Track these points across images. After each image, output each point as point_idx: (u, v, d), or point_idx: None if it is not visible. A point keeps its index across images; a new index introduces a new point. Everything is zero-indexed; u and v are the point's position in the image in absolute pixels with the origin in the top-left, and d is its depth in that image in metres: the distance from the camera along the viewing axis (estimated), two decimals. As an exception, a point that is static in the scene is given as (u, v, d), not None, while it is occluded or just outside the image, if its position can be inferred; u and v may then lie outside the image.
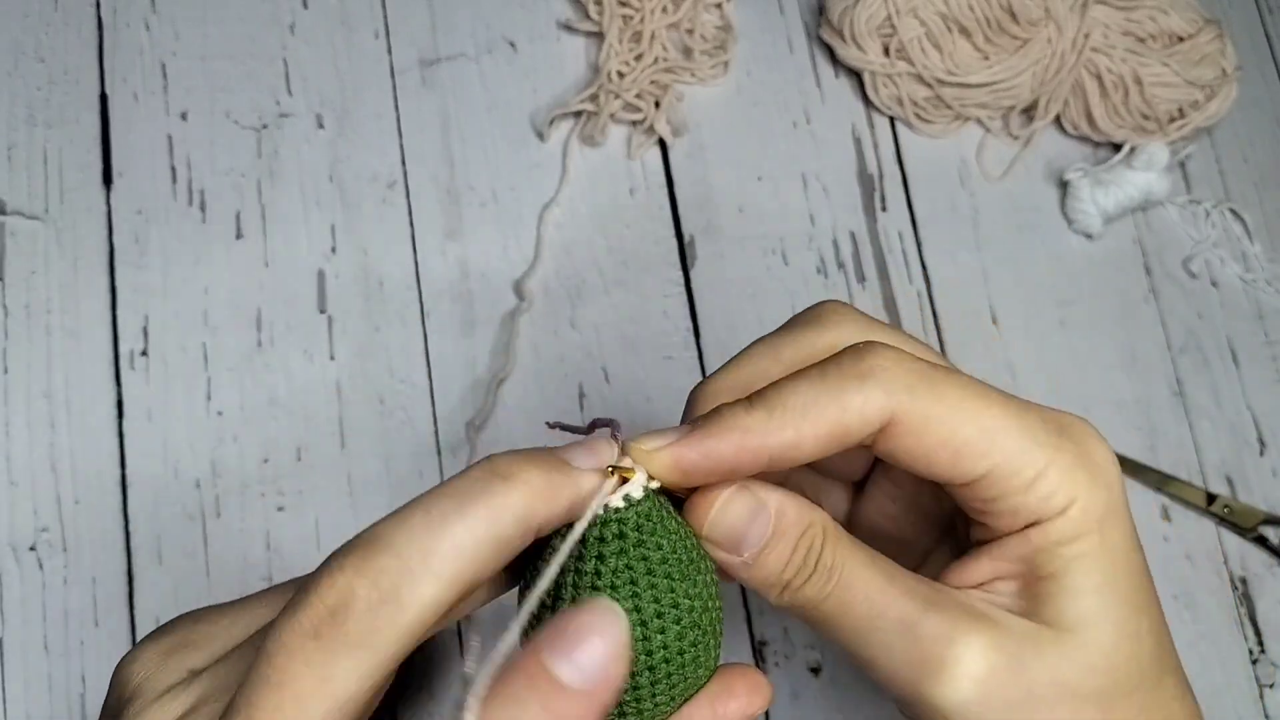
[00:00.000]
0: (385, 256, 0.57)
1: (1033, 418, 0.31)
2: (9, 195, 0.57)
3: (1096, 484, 0.31)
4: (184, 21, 0.60)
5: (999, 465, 0.30)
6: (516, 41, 0.61)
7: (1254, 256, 0.61)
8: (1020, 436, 0.30)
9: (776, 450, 0.30)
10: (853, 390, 0.30)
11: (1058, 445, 0.31)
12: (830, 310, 0.35)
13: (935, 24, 0.59)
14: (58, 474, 0.53)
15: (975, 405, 0.30)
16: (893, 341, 0.32)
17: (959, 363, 0.58)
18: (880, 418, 0.30)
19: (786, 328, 0.35)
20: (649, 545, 0.30)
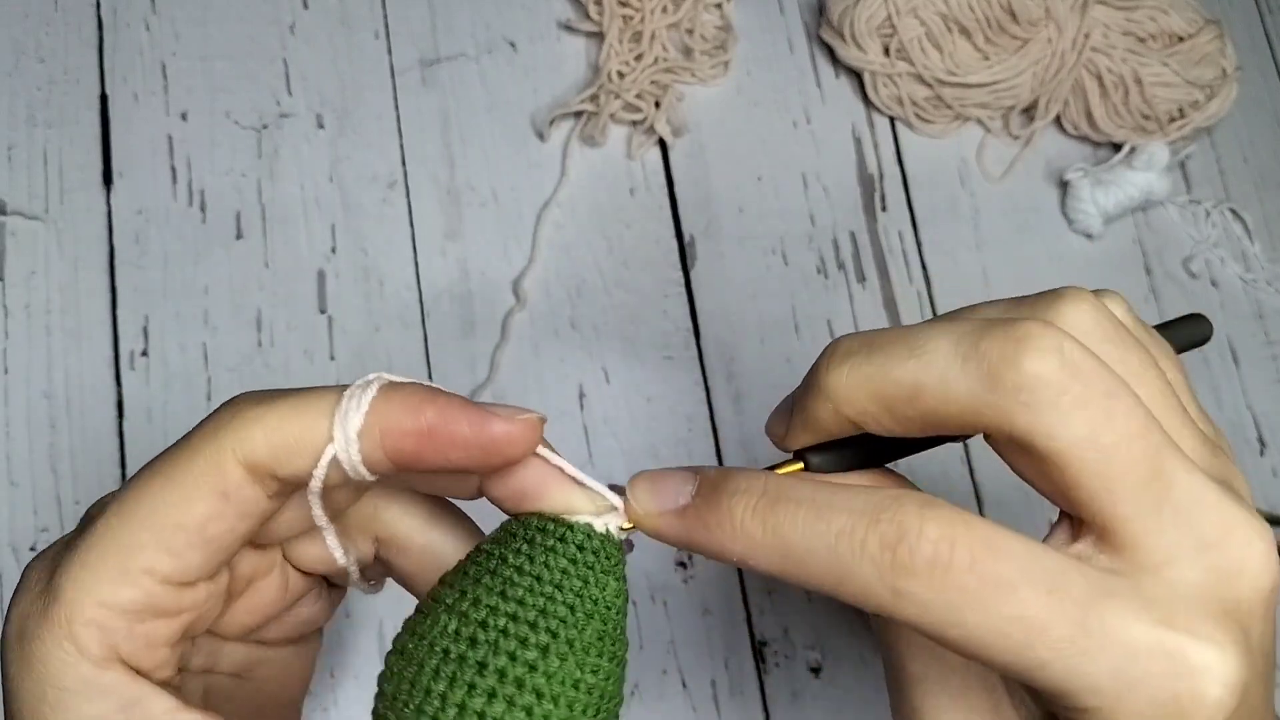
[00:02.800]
0: (385, 256, 0.57)
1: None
2: (9, 195, 0.57)
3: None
4: (184, 21, 0.60)
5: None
6: (516, 41, 0.61)
7: (1254, 256, 0.61)
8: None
9: (762, 570, 0.27)
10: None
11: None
12: (1030, 364, 0.26)
13: (935, 24, 0.59)
14: (58, 474, 0.53)
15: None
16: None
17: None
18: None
19: (965, 354, 0.27)
20: (594, 585, 0.28)
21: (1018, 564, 0.25)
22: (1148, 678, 0.25)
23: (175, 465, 0.28)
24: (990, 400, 0.26)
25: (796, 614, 0.53)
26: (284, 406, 0.28)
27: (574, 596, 0.28)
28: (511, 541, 0.29)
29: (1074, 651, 0.25)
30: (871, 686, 0.53)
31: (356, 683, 0.51)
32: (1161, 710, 0.25)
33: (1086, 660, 0.25)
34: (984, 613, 0.25)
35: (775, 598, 0.54)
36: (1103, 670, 0.25)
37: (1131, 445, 0.26)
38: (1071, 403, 0.25)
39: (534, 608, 0.28)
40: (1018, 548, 0.25)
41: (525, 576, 0.28)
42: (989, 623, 0.25)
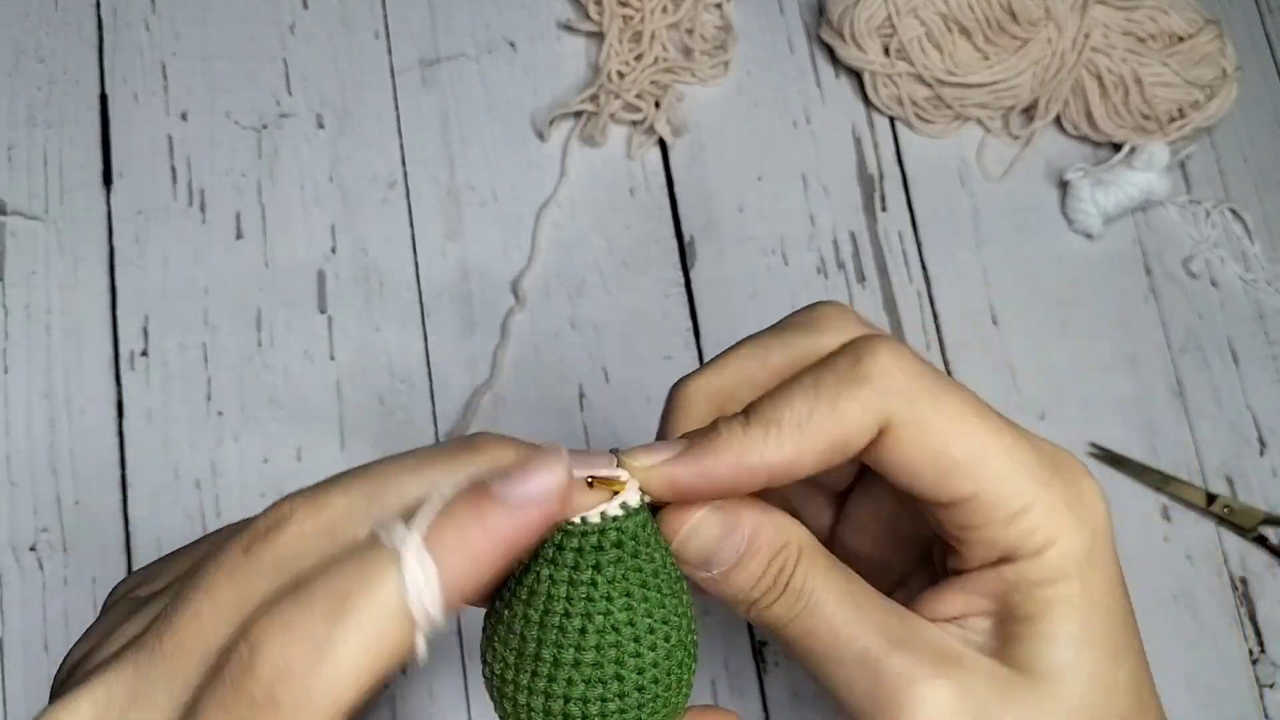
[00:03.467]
0: (385, 257, 0.57)
1: (1026, 448, 0.30)
2: (9, 195, 0.57)
3: (1081, 526, 0.29)
4: (184, 21, 0.60)
5: (984, 491, 0.29)
6: (516, 41, 0.61)
7: (1254, 256, 0.61)
8: (1011, 466, 0.29)
9: (776, 469, 0.29)
10: (849, 397, 0.29)
11: (1047, 481, 0.29)
12: (825, 313, 0.33)
13: (935, 24, 0.59)
14: (58, 474, 0.53)
15: (973, 424, 0.29)
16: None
17: (959, 363, 0.58)
18: (876, 425, 0.29)
19: (777, 328, 0.33)
20: (643, 557, 0.29)
21: (959, 398, 0.30)
22: (1056, 476, 0.30)
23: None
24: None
25: (796, 614, 0.54)
26: (351, 642, 0.24)
27: (655, 580, 0.30)
28: (579, 572, 0.29)
29: (1003, 452, 0.29)
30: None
31: (356, 683, 0.51)
32: (1075, 504, 0.30)
33: (1015, 458, 0.30)
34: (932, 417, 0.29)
35: (775, 598, 0.54)
36: (1025, 469, 0.30)
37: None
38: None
39: (640, 616, 0.29)
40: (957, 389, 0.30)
41: (618, 599, 0.29)
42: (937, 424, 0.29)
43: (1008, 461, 0.29)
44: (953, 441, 0.29)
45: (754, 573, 0.31)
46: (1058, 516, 0.29)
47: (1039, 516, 0.29)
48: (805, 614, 0.31)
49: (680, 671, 0.30)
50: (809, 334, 0.32)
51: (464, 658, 0.52)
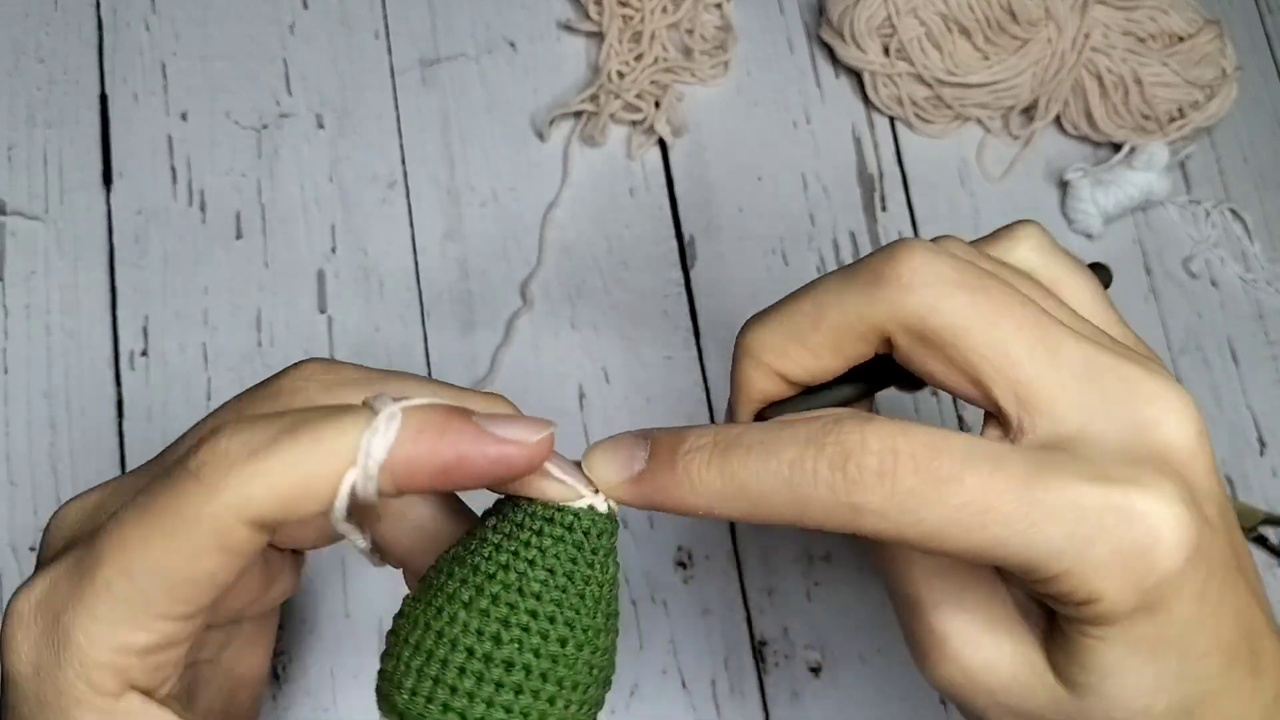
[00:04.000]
0: (385, 256, 0.57)
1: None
2: (9, 195, 0.57)
3: (1138, 564, 0.27)
4: (184, 21, 0.60)
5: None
6: (516, 41, 0.61)
7: (1254, 256, 0.61)
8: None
9: (717, 514, 0.29)
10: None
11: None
12: (905, 258, 0.29)
13: (935, 24, 0.59)
14: (58, 474, 0.53)
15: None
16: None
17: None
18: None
19: (850, 273, 0.31)
20: (583, 555, 0.29)
21: (958, 456, 0.26)
22: (1102, 531, 0.26)
23: (174, 522, 0.26)
24: (878, 296, 0.29)
25: (796, 614, 0.54)
26: (285, 454, 0.26)
27: (584, 584, 0.29)
28: (519, 533, 0.29)
29: (1026, 524, 0.26)
30: (871, 686, 0.53)
31: (356, 682, 0.51)
32: (1126, 559, 0.26)
33: (1039, 530, 0.26)
34: (937, 506, 0.26)
35: (775, 598, 0.54)
36: (1057, 535, 0.26)
37: (1012, 311, 0.28)
38: (947, 281, 0.29)
39: (551, 602, 0.28)
40: (956, 443, 0.27)
41: (539, 570, 0.29)
42: (943, 514, 0.26)
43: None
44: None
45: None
46: (1106, 563, 0.27)
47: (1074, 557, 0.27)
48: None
49: (564, 689, 0.29)
50: (873, 293, 0.30)
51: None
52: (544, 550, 0.29)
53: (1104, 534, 0.26)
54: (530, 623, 0.28)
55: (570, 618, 0.29)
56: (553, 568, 0.29)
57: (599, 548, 0.29)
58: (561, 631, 0.28)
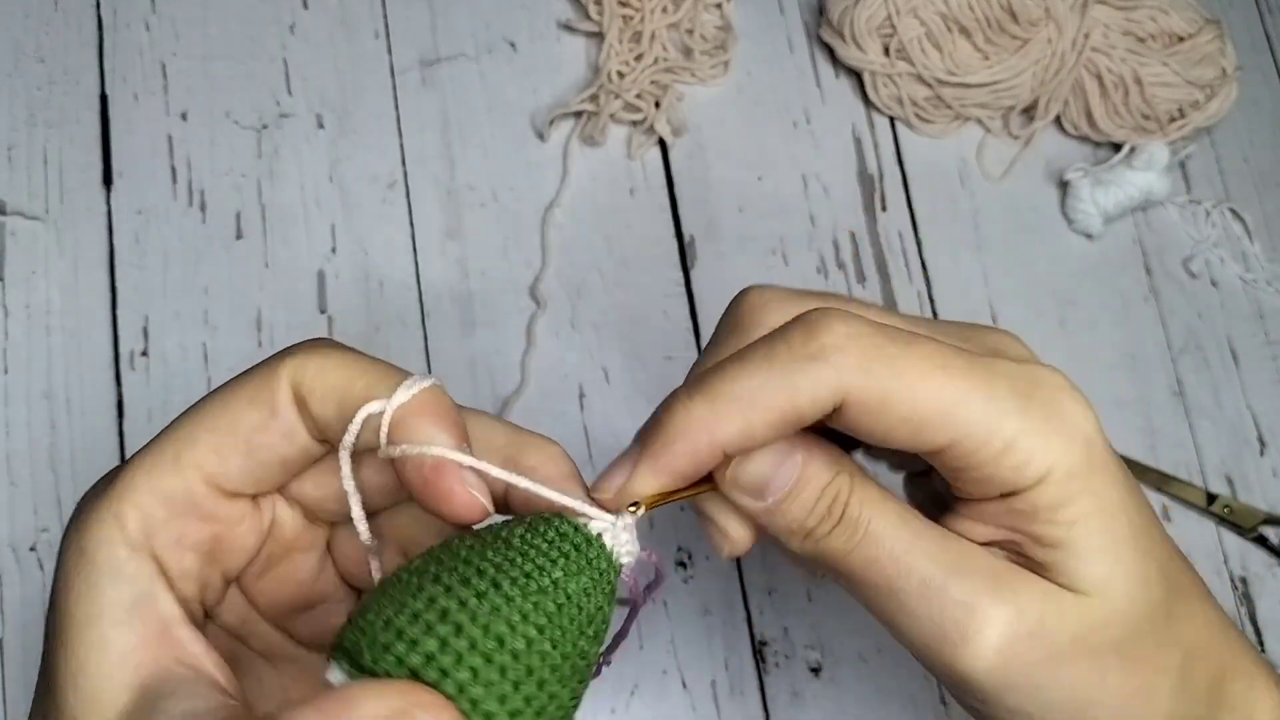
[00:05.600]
0: (385, 257, 0.57)
1: (999, 382, 0.30)
2: (9, 195, 0.57)
3: (1073, 443, 0.30)
4: (184, 21, 0.60)
5: (964, 437, 0.29)
6: (516, 41, 0.61)
7: (1254, 256, 0.61)
8: (984, 405, 0.29)
9: (728, 444, 0.30)
10: (801, 373, 0.29)
11: (1025, 409, 0.30)
12: (749, 304, 0.33)
13: (935, 24, 0.59)
14: (58, 474, 0.53)
15: (935, 377, 0.29)
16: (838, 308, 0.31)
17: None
18: (833, 399, 0.29)
19: (713, 341, 0.34)
20: (584, 578, 0.29)
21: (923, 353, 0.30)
22: (1031, 399, 0.30)
23: (238, 382, 0.30)
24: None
25: (796, 614, 0.53)
26: (347, 360, 0.29)
27: (533, 566, 0.29)
28: (514, 524, 0.30)
29: (980, 396, 0.29)
30: (871, 686, 0.53)
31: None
32: (1057, 422, 0.30)
33: (988, 399, 0.29)
34: (904, 389, 0.29)
35: (775, 598, 0.54)
36: (1006, 396, 0.30)
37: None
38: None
39: (492, 564, 0.28)
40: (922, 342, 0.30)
41: (499, 541, 0.29)
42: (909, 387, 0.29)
43: (980, 402, 0.29)
44: (919, 400, 0.29)
45: (808, 500, 0.31)
46: (1044, 440, 0.29)
47: (1026, 447, 0.29)
48: (865, 543, 0.31)
49: (521, 691, 0.28)
50: (738, 337, 0.33)
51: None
52: (513, 531, 0.29)
53: (1034, 402, 0.30)
54: (471, 576, 0.28)
55: (500, 579, 0.28)
56: (510, 540, 0.29)
57: (570, 554, 0.30)
58: (483, 585, 0.28)
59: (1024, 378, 0.30)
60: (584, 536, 0.30)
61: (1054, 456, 0.29)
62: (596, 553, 0.30)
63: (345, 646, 0.28)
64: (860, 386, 0.29)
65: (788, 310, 0.32)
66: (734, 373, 0.30)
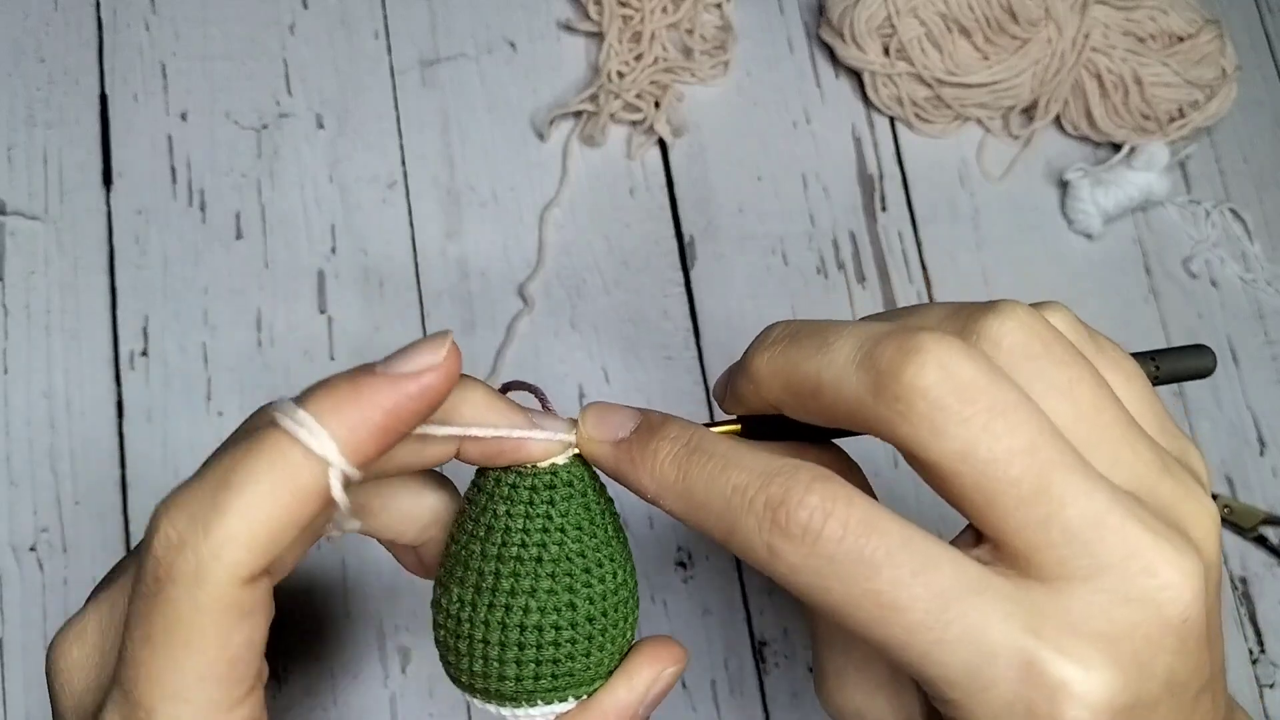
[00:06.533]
0: (385, 257, 0.57)
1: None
2: (9, 195, 0.57)
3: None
4: (184, 21, 0.60)
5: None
6: (516, 41, 0.61)
7: (1254, 256, 0.61)
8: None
9: (677, 515, 0.30)
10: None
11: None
12: (913, 375, 0.26)
13: (935, 24, 0.59)
14: (58, 474, 0.53)
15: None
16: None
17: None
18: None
19: (863, 362, 0.28)
20: (590, 498, 0.31)
21: (887, 545, 0.26)
22: (1001, 681, 0.25)
23: (182, 627, 0.26)
24: (874, 407, 0.27)
25: (796, 614, 0.53)
26: (238, 503, 0.26)
27: (603, 523, 0.31)
28: (530, 506, 0.31)
29: (930, 639, 0.25)
30: (871, 686, 0.53)
31: (356, 682, 0.51)
32: (1015, 717, 0.25)
33: (942, 650, 0.25)
34: (845, 584, 0.26)
35: (775, 598, 0.54)
36: (957, 663, 0.25)
37: (1012, 461, 0.25)
38: (947, 418, 0.26)
39: (594, 549, 0.31)
40: (893, 529, 0.26)
41: (568, 532, 0.31)
42: (849, 594, 0.26)
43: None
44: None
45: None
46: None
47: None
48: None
49: (625, 610, 0.32)
50: (875, 398, 0.27)
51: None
52: (566, 514, 0.31)
53: (1001, 684, 0.25)
54: (589, 581, 0.31)
55: (607, 555, 0.31)
56: (580, 524, 0.31)
57: (592, 484, 0.32)
58: (609, 571, 0.31)
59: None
60: (586, 467, 0.32)
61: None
62: (594, 473, 0.32)
63: (506, 694, 0.31)
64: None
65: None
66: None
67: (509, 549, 0.30)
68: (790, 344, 0.29)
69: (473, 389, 0.31)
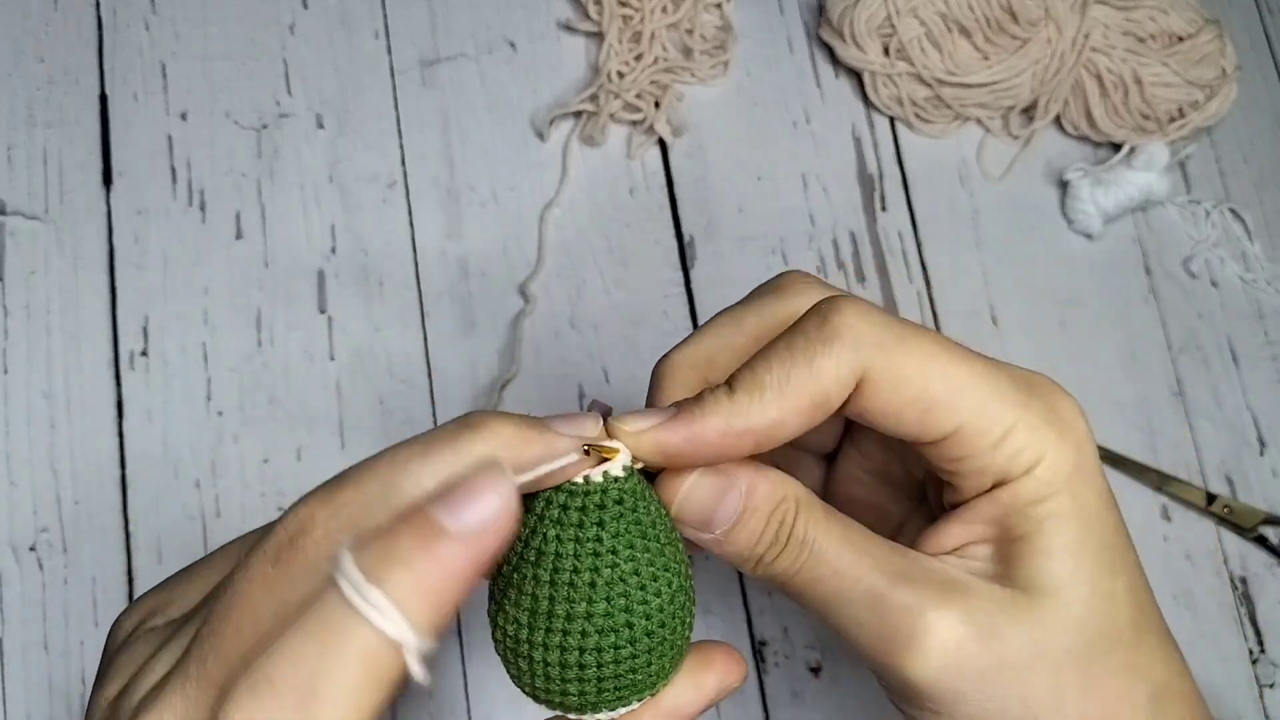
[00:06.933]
0: (385, 257, 0.57)
1: (1002, 376, 0.31)
2: (9, 195, 0.57)
3: (1064, 441, 0.30)
4: (184, 21, 0.60)
5: (967, 423, 0.30)
6: (516, 41, 0.61)
7: (1254, 256, 0.61)
8: (988, 393, 0.30)
9: (762, 432, 0.30)
10: (823, 354, 0.30)
11: (1025, 403, 0.30)
12: (792, 279, 0.34)
13: (935, 24, 0.59)
14: (58, 474, 0.53)
15: (945, 361, 0.30)
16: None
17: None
18: (853, 378, 0.30)
19: (748, 299, 0.34)
20: (641, 511, 0.30)
21: (931, 336, 0.31)
22: (1033, 396, 0.31)
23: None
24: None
25: (796, 614, 0.53)
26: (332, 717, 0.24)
27: (655, 540, 0.31)
28: (588, 525, 0.30)
29: (986, 384, 0.30)
30: (871, 686, 0.53)
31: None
32: (1055, 421, 0.30)
33: (993, 384, 0.30)
34: (915, 364, 0.30)
35: (775, 598, 0.54)
36: (1006, 387, 0.30)
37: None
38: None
39: (648, 565, 0.31)
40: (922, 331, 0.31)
41: (620, 551, 0.30)
42: (920, 379, 0.30)
43: (984, 390, 0.30)
44: (929, 380, 0.30)
45: (755, 529, 0.31)
46: (1040, 434, 0.30)
47: (1022, 436, 0.30)
48: (810, 563, 0.31)
49: (683, 615, 0.32)
50: (778, 299, 0.33)
51: (463, 658, 0.52)
52: (617, 535, 0.30)
53: (1036, 399, 0.30)
54: (645, 599, 0.30)
55: (661, 567, 0.31)
56: (632, 544, 0.30)
57: (643, 495, 0.31)
58: (664, 584, 0.31)
59: (1024, 376, 0.31)
60: (635, 478, 0.31)
61: (1045, 448, 0.30)
62: (644, 483, 0.31)
63: (570, 705, 0.31)
64: (877, 364, 0.30)
65: (823, 293, 0.33)
66: (762, 364, 0.30)
67: (561, 574, 0.30)
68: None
69: (500, 429, 0.28)
